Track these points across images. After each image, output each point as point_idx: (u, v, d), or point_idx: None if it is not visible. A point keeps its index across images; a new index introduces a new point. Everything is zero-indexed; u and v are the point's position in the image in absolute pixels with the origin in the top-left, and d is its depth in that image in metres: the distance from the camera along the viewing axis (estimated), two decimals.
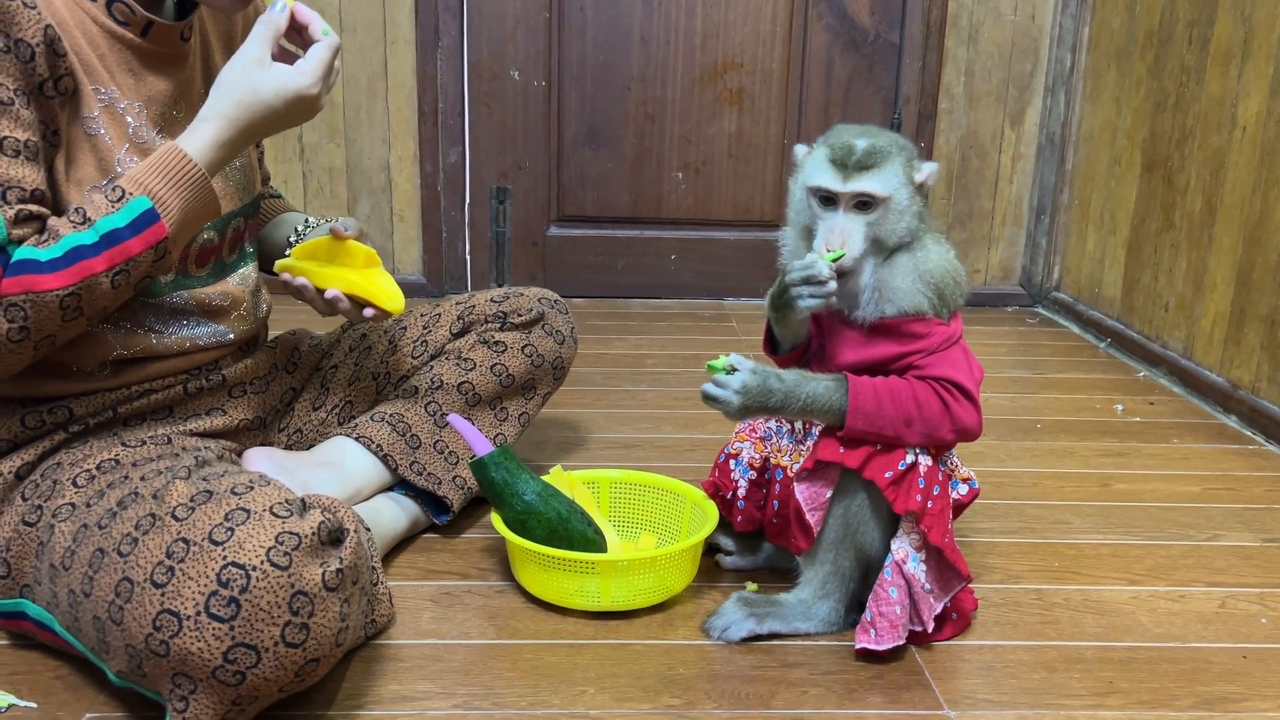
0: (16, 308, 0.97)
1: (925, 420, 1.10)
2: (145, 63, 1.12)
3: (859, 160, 1.10)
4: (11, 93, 0.98)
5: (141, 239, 1.01)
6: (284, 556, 0.90)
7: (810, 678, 1.11)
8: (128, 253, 1.01)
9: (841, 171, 1.10)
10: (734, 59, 2.69)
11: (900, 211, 1.11)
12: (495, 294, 1.51)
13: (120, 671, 0.96)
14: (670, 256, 2.80)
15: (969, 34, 2.70)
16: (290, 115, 1.10)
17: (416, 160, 2.67)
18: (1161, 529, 1.51)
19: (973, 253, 2.85)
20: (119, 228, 1.01)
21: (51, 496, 1.06)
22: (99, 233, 1.00)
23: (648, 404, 1.98)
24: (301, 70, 1.08)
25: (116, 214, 1.01)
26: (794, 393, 1.10)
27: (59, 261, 0.98)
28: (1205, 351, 2.10)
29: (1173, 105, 2.26)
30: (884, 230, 1.11)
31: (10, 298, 0.97)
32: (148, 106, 1.12)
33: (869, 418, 1.10)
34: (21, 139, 0.99)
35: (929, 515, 1.11)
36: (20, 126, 0.99)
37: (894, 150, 1.12)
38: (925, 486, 1.11)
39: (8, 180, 0.98)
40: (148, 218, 1.02)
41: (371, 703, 1.05)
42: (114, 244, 1.00)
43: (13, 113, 0.98)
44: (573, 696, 1.07)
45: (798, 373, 1.12)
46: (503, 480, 1.24)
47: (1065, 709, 1.08)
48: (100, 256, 1.00)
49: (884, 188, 1.10)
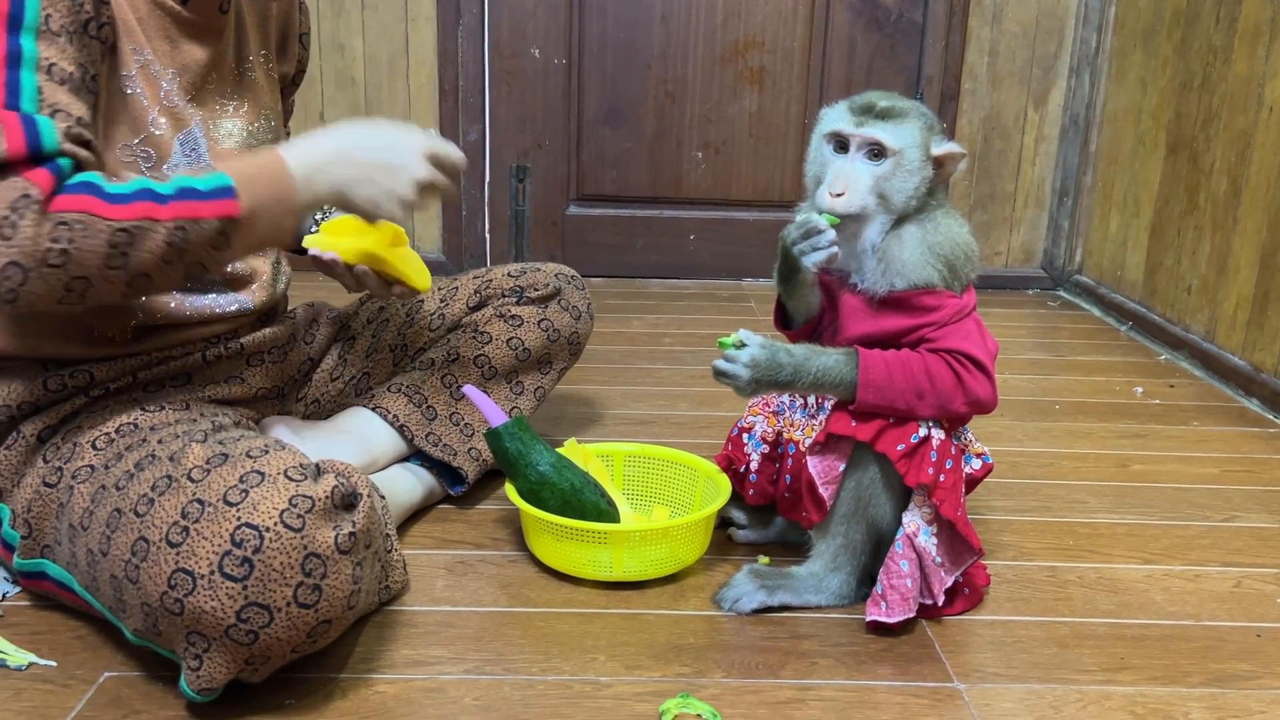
0: (65, 226, 0.91)
1: (937, 393, 1.10)
2: (183, 31, 1.13)
3: (878, 110, 1.10)
4: (60, 25, 0.98)
5: (213, 206, 0.98)
6: (297, 519, 0.91)
7: (820, 649, 1.12)
8: (195, 212, 0.97)
9: (857, 117, 1.10)
10: (755, 38, 2.68)
11: (909, 171, 1.10)
12: (513, 268, 1.51)
13: (137, 630, 0.97)
14: (689, 236, 2.80)
15: (993, 13, 2.68)
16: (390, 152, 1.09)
17: None
18: (1178, 510, 1.50)
19: (994, 235, 2.83)
20: (196, 188, 0.99)
21: (71, 459, 1.08)
22: (175, 186, 0.98)
23: (664, 381, 1.99)
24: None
25: (198, 178, 1.00)
26: (804, 367, 1.10)
27: (125, 196, 0.95)
28: (1228, 335, 2.08)
29: (1199, 86, 2.23)
30: (890, 186, 1.10)
31: (62, 214, 0.91)
32: (181, 74, 1.13)
33: (880, 390, 1.09)
34: (68, 69, 0.98)
35: (941, 489, 1.10)
36: (65, 58, 0.98)
37: (915, 113, 1.12)
38: (938, 460, 1.11)
39: (55, 103, 0.96)
40: (225, 191, 1.00)
41: (384, 666, 1.06)
42: (185, 199, 0.97)
43: (59, 44, 0.98)
44: (583, 663, 1.08)
45: (808, 347, 1.12)
46: (517, 451, 1.25)
47: (1076, 684, 1.08)
48: (168, 205, 0.96)
49: (896, 140, 1.09)
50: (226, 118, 1.19)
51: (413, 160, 1.10)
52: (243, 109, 1.22)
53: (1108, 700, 1.05)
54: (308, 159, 1.05)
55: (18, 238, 0.90)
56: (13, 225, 0.90)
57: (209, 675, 0.92)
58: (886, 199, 1.11)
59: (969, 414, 1.13)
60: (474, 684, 1.04)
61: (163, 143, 1.10)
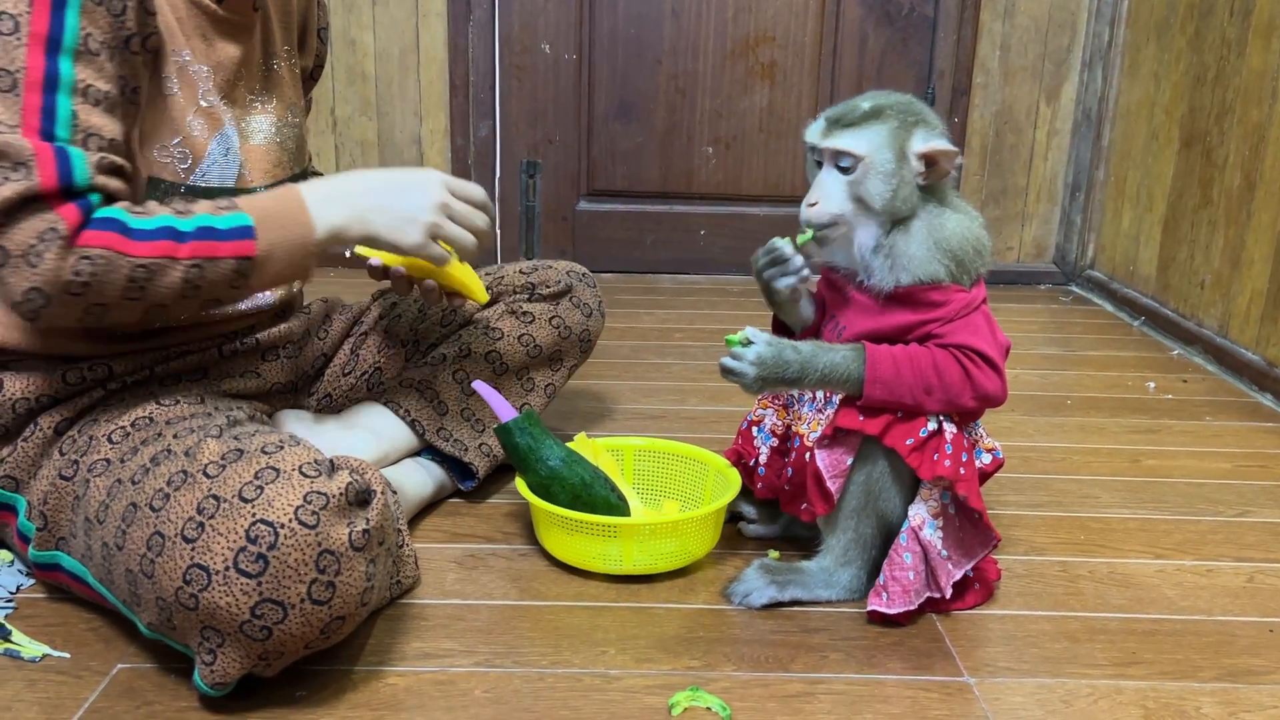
0: (88, 260, 0.96)
1: (945, 387, 1.10)
2: (218, 29, 1.14)
3: (844, 119, 1.10)
4: (100, 44, 0.99)
5: (231, 246, 1.02)
6: (312, 515, 0.91)
7: (830, 643, 1.12)
8: (213, 251, 1.01)
9: (826, 130, 1.11)
10: (766, 32, 2.67)
11: (882, 174, 1.09)
12: (524, 266, 1.52)
13: (151, 624, 0.98)
14: (700, 232, 2.80)
15: (1005, 7, 2.67)
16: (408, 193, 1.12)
17: (448, 134, 2.68)
18: (1191, 505, 1.50)
19: (1006, 230, 2.82)
20: (215, 228, 1.02)
21: (87, 452, 1.09)
22: (195, 224, 1.01)
23: (674, 377, 1.99)
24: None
25: (218, 217, 1.03)
26: (810, 363, 1.10)
27: (149, 233, 0.99)
28: (1241, 329, 2.08)
29: (1213, 79, 2.22)
30: (865, 190, 1.10)
31: (86, 249, 0.96)
32: (215, 72, 1.14)
33: (887, 386, 1.09)
34: (104, 89, 1.00)
35: (963, 481, 1.10)
36: (104, 78, 1.00)
37: (890, 114, 1.10)
38: (954, 453, 1.10)
39: (90, 127, 0.99)
40: (243, 232, 1.03)
41: (396, 659, 1.07)
42: (205, 238, 1.01)
43: (98, 64, 0.99)
44: (593, 656, 1.08)
45: (815, 344, 1.12)
46: (527, 445, 1.25)
47: (1086, 678, 1.08)
48: (188, 244, 1.00)
49: (859, 146, 1.09)
50: (256, 114, 1.21)
51: (430, 185, 1.13)
52: (270, 104, 1.23)
53: (1119, 695, 1.05)
54: (325, 195, 1.09)
55: (42, 267, 0.95)
56: (39, 255, 0.95)
57: (223, 670, 0.93)
58: (865, 203, 1.10)
59: (978, 409, 1.13)
60: (484, 676, 1.04)
61: (199, 144, 1.12)
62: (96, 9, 0.98)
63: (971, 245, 1.12)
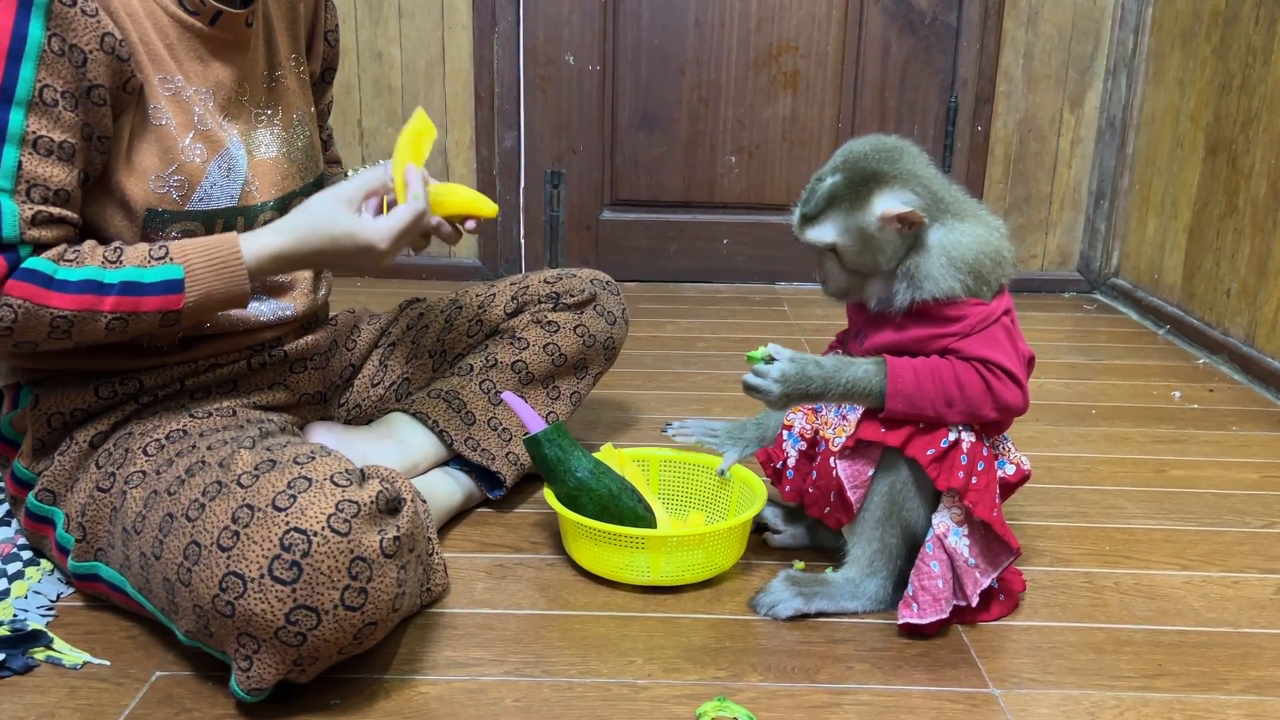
0: (10, 309, 1.00)
1: (967, 400, 1.10)
2: (212, 50, 1.15)
3: (806, 213, 1.16)
4: (58, 94, 1.01)
5: (157, 300, 1.05)
6: (344, 523, 0.93)
7: (856, 653, 1.13)
8: (138, 306, 1.04)
9: (799, 222, 1.17)
10: (789, 42, 2.68)
11: (856, 251, 1.13)
12: (549, 275, 1.53)
13: (188, 631, 1.00)
14: (723, 240, 2.81)
15: (1029, 15, 2.67)
16: (354, 259, 1.13)
17: (473, 144, 2.71)
18: (1217, 515, 1.50)
19: (1030, 238, 2.82)
20: (142, 282, 1.04)
21: (124, 464, 1.11)
22: (121, 278, 1.03)
23: (698, 386, 2.00)
24: (378, 226, 1.11)
25: (148, 270, 1.04)
26: (833, 378, 1.12)
27: (71, 285, 1.02)
28: (1268, 338, 2.06)
29: (1238, 87, 2.21)
30: (853, 264, 1.15)
31: (8, 298, 1.00)
32: (215, 93, 1.15)
33: (909, 399, 1.10)
34: (58, 139, 1.02)
35: (973, 491, 1.11)
36: (59, 128, 1.01)
37: (842, 196, 1.12)
38: (968, 464, 1.11)
39: (35, 178, 1.01)
40: (172, 286, 1.05)
41: (427, 667, 1.08)
42: (128, 293, 1.04)
43: (54, 114, 1.01)
44: (621, 666, 1.09)
45: (837, 358, 1.14)
46: (556, 457, 1.27)
47: (1113, 690, 1.08)
48: (110, 298, 1.03)
49: (826, 236, 1.14)
50: (261, 128, 1.22)
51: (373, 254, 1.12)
52: (277, 117, 1.24)
53: (1145, 707, 1.06)
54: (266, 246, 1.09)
55: None
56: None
57: (259, 675, 0.95)
58: (857, 271, 1.15)
59: (1000, 420, 1.14)
60: (514, 685, 1.06)
61: (195, 170, 1.12)
62: (57, 60, 1.00)
63: (989, 257, 1.13)
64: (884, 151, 1.14)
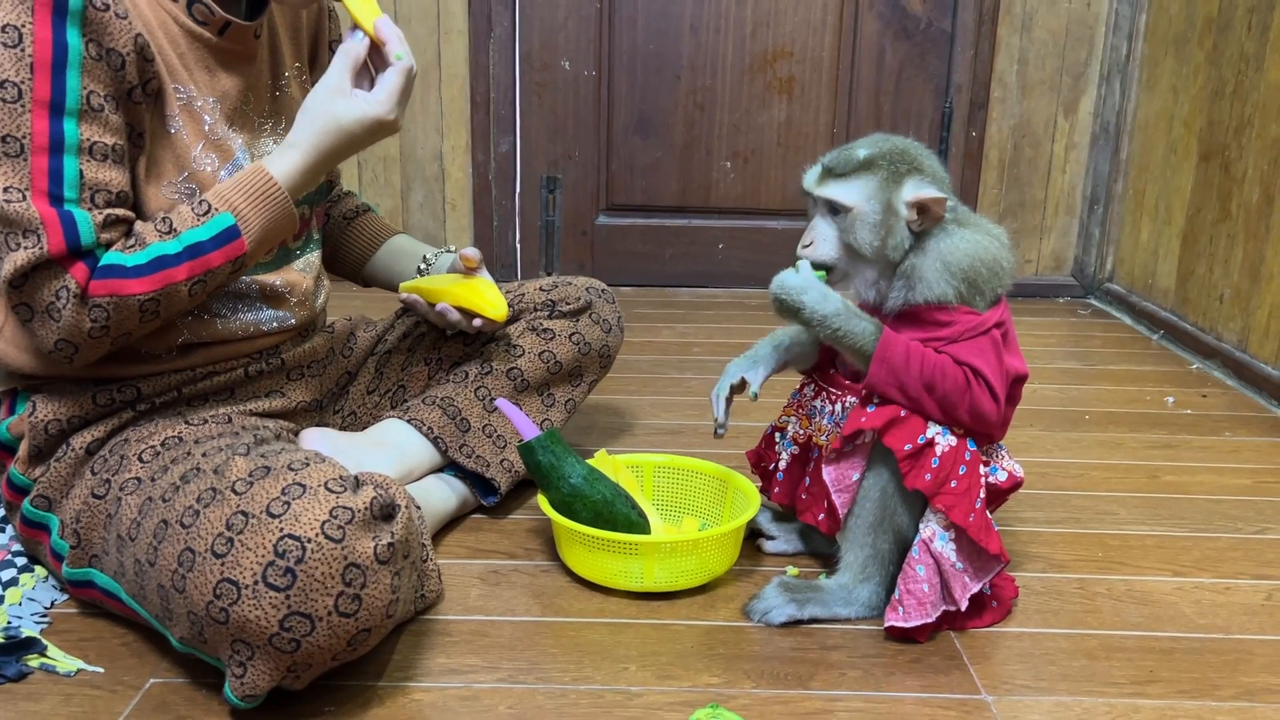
0: (100, 308, 1.03)
1: (945, 392, 1.11)
2: (220, 60, 1.16)
3: (835, 168, 1.15)
4: (103, 99, 1.03)
5: (223, 253, 1.08)
6: (338, 530, 0.93)
7: (849, 660, 1.13)
8: (208, 264, 1.07)
9: (819, 179, 1.16)
10: (784, 48, 2.69)
11: (869, 225, 1.13)
12: (544, 283, 1.54)
13: (183, 638, 1.00)
14: (718, 245, 2.81)
15: (1023, 21, 2.67)
16: (370, 139, 1.15)
17: (469, 149, 2.71)
18: (1210, 521, 1.50)
19: (1024, 243, 2.83)
20: (202, 240, 1.07)
21: (119, 471, 1.11)
22: (183, 244, 1.06)
23: (693, 391, 2.00)
24: (378, 98, 1.13)
25: (201, 227, 1.07)
26: (827, 319, 1.12)
27: (144, 268, 1.04)
28: (1261, 344, 2.07)
29: (1231, 93, 2.22)
30: (853, 239, 1.14)
31: (96, 299, 1.03)
32: (222, 102, 1.16)
33: (892, 369, 1.11)
34: (110, 143, 1.04)
35: (948, 494, 1.11)
36: (109, 131, 1.04)
37: (881, 165, 1.13)
38: (940, 466, 1.11)
39: (96, 184, 1.03)
40: (230, 234, 1.08)
41: (421, 674, 1.09)
42: (196, 255, 1.07)
43: (103, 118, 1.03)
44: (615, 673, 1.10)
45: (845, 304, 1.13)
46: (549, 463, 1.27)
47: (1105, 696, 1.08)
48: (182, 266, 1.06)
49: (848, 198, 1.13)
50: (266, 136, 1.23)
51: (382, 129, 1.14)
52: (280, 127, 1.25)
53: (1137, 713, 1.06)
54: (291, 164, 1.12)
55: (63, 321, 1.03)
56: (59, 311, 1.03)
57: (253, 682, 0.95)
58: (854, 250, 1.15)
59: (971, 425, 1.13)
60: (508, 692, 1.06)
61: (206, 178, 1.14)
62: (97, 65, 1.02)
63: (986, 265, 1.13)
64: (918, 148, 1.17)
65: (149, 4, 1.09)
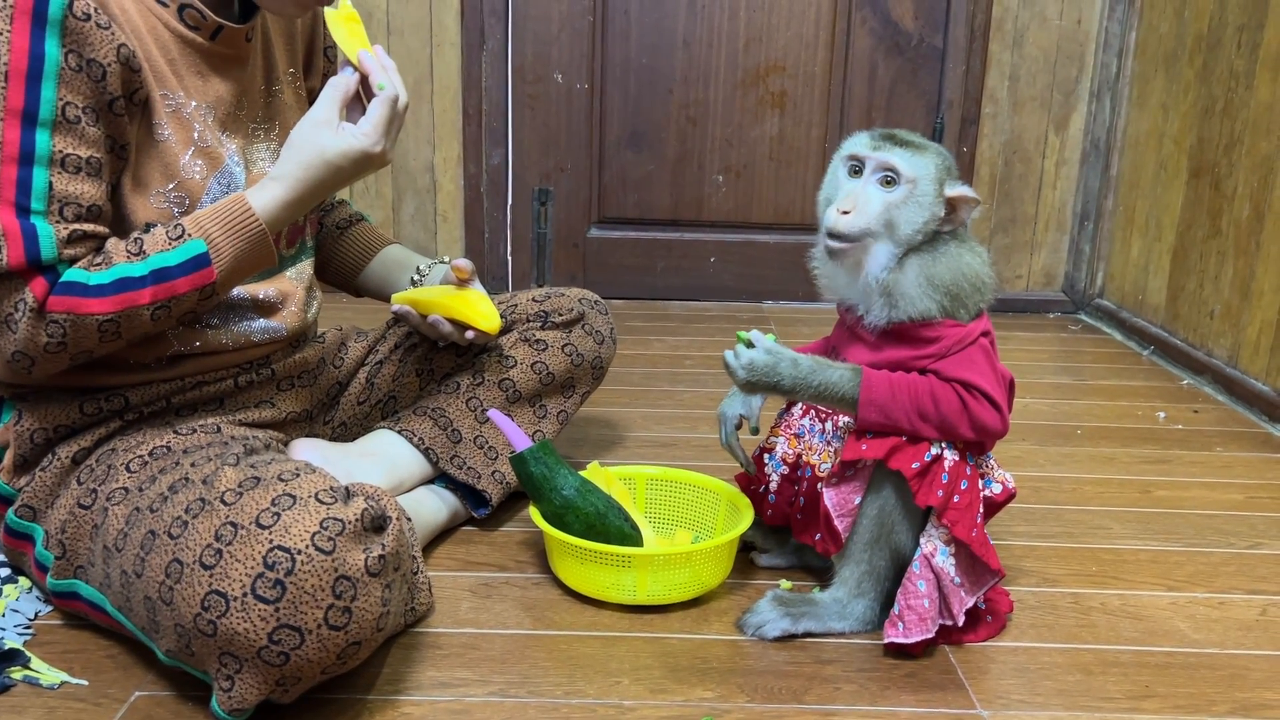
0: (57, 324, 1.02)
1: (942, 416, 1.10)
2: (212, 65, 1.15)
3: (898, 138, 1.13)
4: (80, 110, 1.01)
5: (190, 280, 1.06)
6: (328, 541, 0.92)
7: (843, 674, 1.12)
8: (173, 290, 1.05)
9: (876, 142, 1.13)
10: (777, 62, 2.70)
11: (920, 203, 1.11)
12: (537, 294, 1.53)
13: (169, 651, 0.99)
14: (710, 259, 2.81)
15: (1014, 38, 2.69)
16: (357, 172, 1.13)
17: (460, 162, 2.71)
18: (1203, 536, 1.50)
19: (1015, 258, 2.83)
20: (170, 265, 1.05)
21: (106, 481, 1.10)
22: (149, 268, 1.04)
23: (685, 404, 1.99)
24: (363, 130, 1.11)
25: (170, 252, 1.05)
26: (806, 380, 1.12)
27: (106, 288, 1.03)
28: (1251, 360, 2.08)
29: (1221, 111, 2.23)
30: (899, 214, 1.11)
31: (53, 315, 1.01)
32: (214, 108, 1.15)
33: (882, 409, 1.10)
34: (84, 156, 1.02)
35: (953, 509, 1.11)
36: (85, 144, 1.02)
37: (934, 151, 1.14)
38: (948, 482, 1.11)
39: (65, 196, 1.02)
40: (199, 261, 1.06)
41: (411, 688, 1.07)
42: (161, 280, 1.04)
43: (78, 130, 1.02)
44: (607, 687, 1.09)
45: (815, 360, 1.13)
46: (541, 475, 1.26)
47: (1100, 711, 1.08)
48: (145, 290, 1.04)
49: (910, 168, 1.11)
50: (259, 142, 1.22)
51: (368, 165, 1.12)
52: (274, 132, 1.24)
53: None
54: (273, 197, 1.10)
55: (20, 334, 1.02)
56: (16, 323, 1.02)
57: (240, 696, 0.94)
58: (894, 227, 1.11)
59: (977, 440, 1.13)
60: (499, 706, 1.05)
61: (195, 186, 1.12)
62: (76, 76, 1.00)
63: (969, 281, 1.13)
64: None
65: (139, 11, 1.08)
